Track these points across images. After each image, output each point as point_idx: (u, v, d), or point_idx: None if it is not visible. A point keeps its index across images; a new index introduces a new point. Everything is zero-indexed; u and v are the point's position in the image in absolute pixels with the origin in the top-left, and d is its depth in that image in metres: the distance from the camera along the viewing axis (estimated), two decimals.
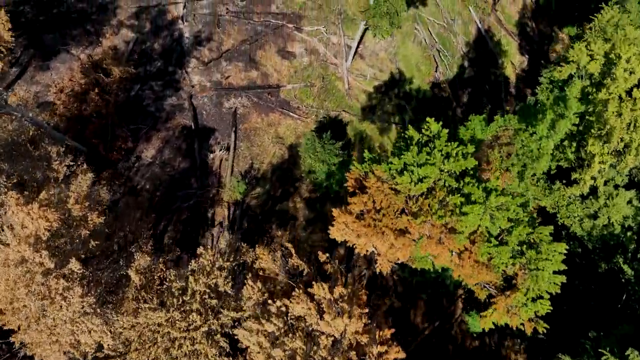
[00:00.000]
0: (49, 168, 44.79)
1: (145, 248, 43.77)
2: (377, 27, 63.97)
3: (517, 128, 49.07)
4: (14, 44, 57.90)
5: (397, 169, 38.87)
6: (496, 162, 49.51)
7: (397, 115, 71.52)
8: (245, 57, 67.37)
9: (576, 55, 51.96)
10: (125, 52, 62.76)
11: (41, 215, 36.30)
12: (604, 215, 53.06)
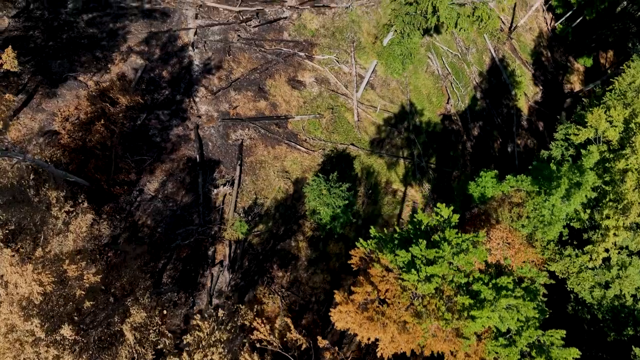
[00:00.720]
0: (48, 214, 42.84)
1: (142, 300, 41.85)
2: (389, 66, 61.40)
3: (529, 190, 46.48)
4: (22, 68, 56.04)
5: (404, 261, 36.40)
6: (505, 222, 47.05)
7: (406, 149, 69.05)
8: (254, 87, 65.02)
9: (595, 120, 49.13)
10: (133, 80, 60.56)
11: (35, 279, 34.46)
12: (616, 286, 50.38)
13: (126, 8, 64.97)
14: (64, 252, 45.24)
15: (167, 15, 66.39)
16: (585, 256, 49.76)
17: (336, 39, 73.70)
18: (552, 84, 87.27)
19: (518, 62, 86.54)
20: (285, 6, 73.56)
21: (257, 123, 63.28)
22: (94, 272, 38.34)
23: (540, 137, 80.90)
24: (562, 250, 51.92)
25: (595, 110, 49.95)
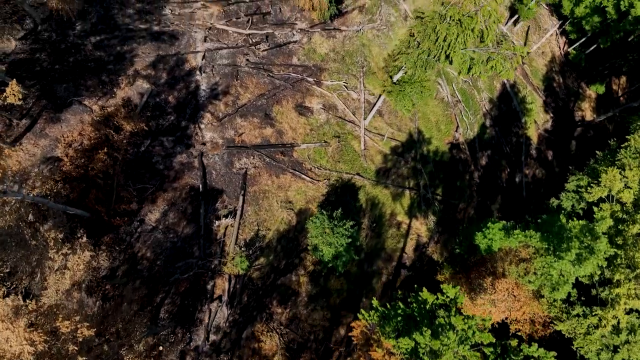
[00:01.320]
0: (45, 256, 41.14)
1: (137, 347, 40.03)
2: (398, 103, 59.02)
3: (538, 247, 44.05)
4: (27, 93, 54.29)
5: (407, 349, 34.09)
6: (512, 276, 44.73)
7: (412, 179, 66.74)
8: (261, 113, 62.91)
9: (609, 181, 46.52)
10: (138, 105, 58.65)
11: (27, 337, 32.73)
12: (624, 352, 47.86)
13: (134, 30, 63.00)
14: (60, 290, 43.66)
15: (175, 38, 64.33)
16: (593, 318, 47.30)
17: (346, 63, 71.35)
18: (563, 111, 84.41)
19: (529, 89, 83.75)
20: (295, 29, 71.26)
21: (262, 151, 61.21)
22: (88, 325, 36.50)
23: (549, 166, 78.24)
24: (570, 310, 49.43)
25: (610, 170, 47.33)
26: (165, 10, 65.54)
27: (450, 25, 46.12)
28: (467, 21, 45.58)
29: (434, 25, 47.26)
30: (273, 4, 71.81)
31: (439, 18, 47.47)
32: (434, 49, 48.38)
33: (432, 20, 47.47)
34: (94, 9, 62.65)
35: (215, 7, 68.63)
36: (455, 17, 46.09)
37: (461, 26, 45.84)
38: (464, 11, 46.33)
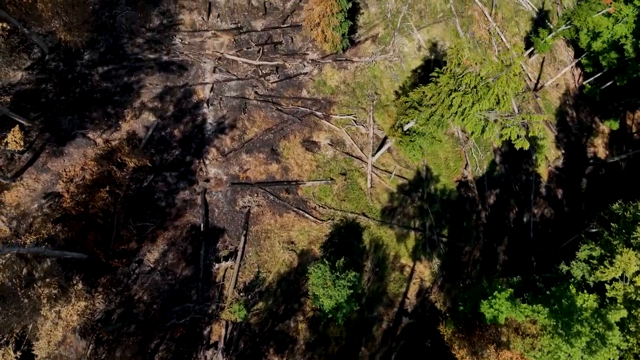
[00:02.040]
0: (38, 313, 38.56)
1: None
2: (408, 153, 55.56)
3: (545, 324, 40.60)
4: (30, 125, 51.65)
5: None
6: (517, 349, 41.38)
7: (418, 220, 63.32)
8: (267, 148, 59.77)
9: (624, 263, 42.87)
10: (143, 139, 55.77)
11: None
12: None
13: (143, 60, 60.05)
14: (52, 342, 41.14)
15: (184, 68, 61.29)
16: None
17: (356, 96, 67.93)
18: (574, 147, 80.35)
19: (542, 123, 79.65)
20: (306, 60, 67.91)
21: (266, 188, 58.10)
22: None
23: (558, 206, 74.37)
24: None
25: (625, 252, 43.58)
26: (175, 40, 62.51)
27: (465, 93, 42.50)
28: (484, 90, 41.93)
29: (449, 91, 43.63)
30: (285, 33, 68.53)
31: (454, 82, 43.77)
32: (447, 114, 44.82)
33: (447, 85, 43.84)
34: (104, 38, 59.79)
35: (226, 36, 65.47)
36: (471, 83, 42.43)
37: (477, 94, 42.20)
38: (481, 78, 42.62)
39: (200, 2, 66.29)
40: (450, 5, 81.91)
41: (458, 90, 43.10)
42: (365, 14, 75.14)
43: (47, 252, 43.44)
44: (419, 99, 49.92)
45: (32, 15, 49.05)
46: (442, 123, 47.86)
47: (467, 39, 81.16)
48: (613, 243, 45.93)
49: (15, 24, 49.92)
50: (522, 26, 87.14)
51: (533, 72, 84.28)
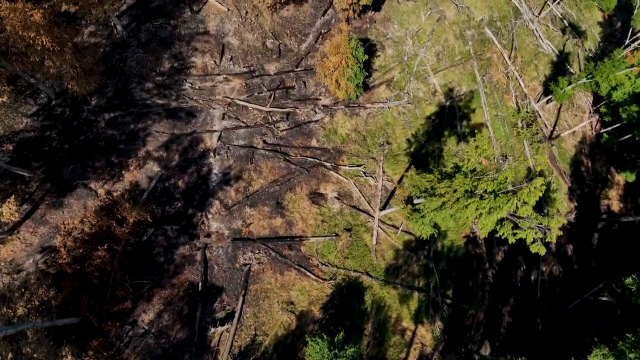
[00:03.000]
0: None
1: None
2: (419, 228, 50.48)
3: None
4: (31, 176, 47.67)
5: None
6: None
7: (422, 279, 58.39)
8: (272, 201, 55.21)
9: None
10: (146, 190, 51.47)
11: None
12: None
13: (151, 106, 55.69)
14: None
15: (192, 115, 56.84)
16: None
17: (367, 144, 62.92)
18: (588, 199, 74.39)
19: (555, 174, 73.86)
20: (318, 106, 62.98)
21: (269, 244, 53.58)
22: None
23: (568, 263, 68.75)
24: None
25: None
26: (185, 85, 58.00)
27: (482, 198, 37.32)
28: (503, 200, 36.68)
29: (464, 192, 38.42)
30: (298, 77, 63.59)
31: (470, 183, 38.55)
32: (461, 214, 39.67)
33: (462, 186, 38.62)
34: (112, 82, 55.52)
35: (237, 81, 60.79)
36: (489, 188, 37.22)
37: (495, 200, 36.98)
38: (500, 184, 37.34)
39: (214, 44, 61.63)
40: (469, 48, 76.19)
41: (474, 194, 37.89)
42: (381, 57, 69.83)
43: (38, 325, 39.55)
44: (431, 187, 44.74)
45: (39, 70, 45.00)
46: (456, 217, 42.72)
47: (484, 83, 75.45)
48: (628, 356, 40.69)
49: (22, 75, 45.78)
50: (541, 69, 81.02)
51: (549, 119, 78.27)
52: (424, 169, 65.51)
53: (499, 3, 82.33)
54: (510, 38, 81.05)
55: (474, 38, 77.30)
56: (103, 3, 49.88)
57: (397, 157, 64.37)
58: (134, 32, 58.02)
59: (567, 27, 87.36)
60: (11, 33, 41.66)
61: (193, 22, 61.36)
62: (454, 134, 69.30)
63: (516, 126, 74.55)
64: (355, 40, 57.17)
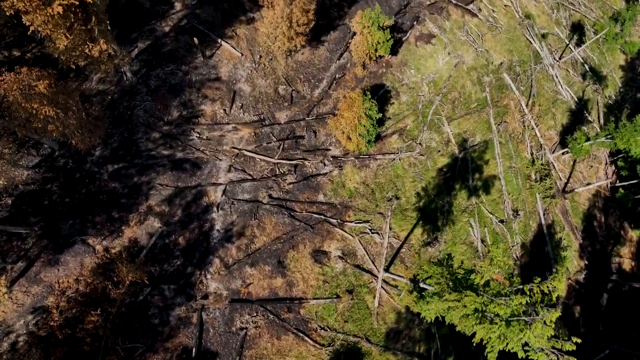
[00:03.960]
0: None
1: None
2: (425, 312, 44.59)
3: None
4: (28, 232, 43.01)
5: None
6: None
7: (423, 344, 52.68)
8: (274, 260, 49.91)
9: None
10: (145, 248, 46.58)
11: None
12: None
13: (156, 157, 50.54)
14: None
15: (198, 167, 51.58)
16: None
17: (375, 198, 57.02)
18: (599, 256, 67.44)
19: (567, 230, 67.01)
20: (327, 157, 57.18)
21: (268, 306, 48.33)
22: None
23: (575, 325, 62.21)
24: None
25: None
26: (192, 134, 52.71)
27: (492, 323, 31.36)
28: (515, 329, 30.67)
29: (474, 310, 32.46)
30: (309, 126, 57.80)
31: (481, 303, 32.56)
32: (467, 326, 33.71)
33: (472, 304, 32.65)
34: (118, 132, 50.48)
35: (246, 130, 55.24)
36: (501, 313, 31.22)
37: (507, 327, 30.99)
38: (515, 307, 31.30)
39: (225, 91, 56.06)
40: (486, 94, 69.32)
41: (485, 316, 31.92)
42: (395, 104, 63.53)
43: None
44: (440, 289, 38.74)
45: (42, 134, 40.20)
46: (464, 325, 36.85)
47: (499, 132, 68.61)
48: None
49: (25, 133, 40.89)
50: (559, 118, 73.73)
51: (564, 170, 71.17)
52: (432, 225, 59.46)
53: (519, 47, 75.08)
54: (529, 84, 73.87)
55: (491, 84, 70.39)
56: (113, 57, 44.58)
57: (405, 212, 58.34)
58: (143, 78, 52.78)
59: (587, 71, 79.77)
60: (13, 103, 36.85)
61: (205, 68, 55.84)
62: (465, 188, 62.89)
63: (530, 178, 67.65)
64: (370, 100, 51.27)
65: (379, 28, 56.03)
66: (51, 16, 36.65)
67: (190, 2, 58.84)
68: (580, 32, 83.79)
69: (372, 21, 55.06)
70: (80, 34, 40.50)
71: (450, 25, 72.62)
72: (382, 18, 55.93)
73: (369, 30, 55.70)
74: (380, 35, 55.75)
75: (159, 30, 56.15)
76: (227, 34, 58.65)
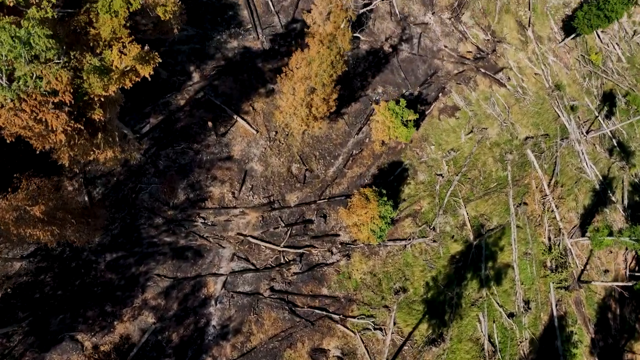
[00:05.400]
0: None
1: None
2: None
3: None
4: (15, 329, 35.54)
5: None
6: None
7: None
8: (269, 359, 41.17)
9: None
10: (136, 346, 38.67)
11: None
12: None
13: (157, 245, 42.31)
14: None
15: (200, 255, 43.11)
16: None
17: (381, 290, 47.67)
18: (610, 351, 56.21)
19: (579, 322, 56.05)
20: (336, 244, 47.86)
21: None
22: None
23: None
24: None
25: None
26: (197, 220, 44.13)
27: None
28: None
29: None
30: (319, 209, 48.45)
31: None
32: None
33: None
34: (120, 216, 42.25)
35: (254, 214, 46.24)
36: None
37: None
38: None
39: (236, 171, 47.03)
40: (507, 173, 58.17)
41: None
42: (411, 185, 53.24)
43: None
44: None
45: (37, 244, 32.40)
46: None
47: (517, 215, 57.50)
48: None
49: None
50: (581, 199, 61.85)
51: (581, 256, 59.70)
52: (438, 320, 49.59)
53: (546, 120, 63.05)
54: (553, 161, 62.04)
55: (514, 161, 59.04)
56: (121, 154, 36.06)
57: (411, 305, 48.65)
58: (152, 158, 44.26)
59: (615, 146, 67.07)
60: (4, 230, 28.93)
61: (217, 146, 46.84)
62: (476, 277, 52.52)
63: (545, 266, 56.51)
64: (386, 202, 41.46)
65: (402, 123, 45.63)
66: (54, 142, 28.67)
67: (209, 72, 49.50)
68: (611, 102, 70.76)
69: (395, 115, 44.74)
70: (85, 146, 32.21)
71: (476, 96, 61.16)
72: (407, 113, 45.55)
73: (392, 123, 45.42)
74: (402, 129, 45.45)
75: (174, 103, 47.21)
76: (243, 108, 49.28)
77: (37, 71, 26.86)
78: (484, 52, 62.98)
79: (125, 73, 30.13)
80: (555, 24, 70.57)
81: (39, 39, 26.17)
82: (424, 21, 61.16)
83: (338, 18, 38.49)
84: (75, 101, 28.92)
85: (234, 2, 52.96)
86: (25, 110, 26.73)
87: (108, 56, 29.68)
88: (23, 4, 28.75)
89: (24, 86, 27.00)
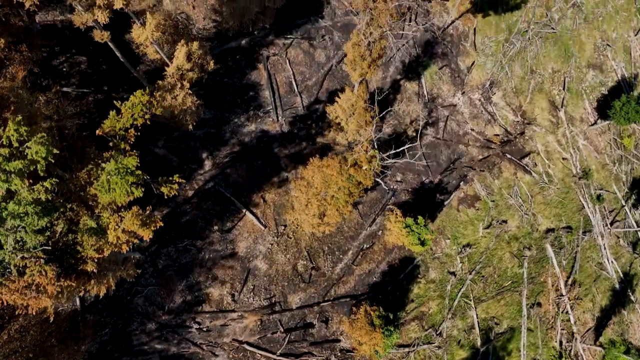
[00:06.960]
0: None
1: None
2: None
3: None
4: None
5: None
6: None
7: None
8: None
9: None
10: None
11: None
12: None
13: (148, 353, 34.63)
14: None
15: None
16: None
17: None
18: None
19: None
20: (336, 351, 38.79)
21: None
22: None
23: None
24: None
25: None
26: (192, 325, 35.75)
27: None
28: None
29: None
30: (322, 312, 39.23)
31: None
32: None
33: None
34: (111, 322, 34.18)
35: (252, 318, 37.47)
36: None
37: None
38: None
39: (238, 270, 38.13)
40: (523, 270, 47.15)
41: None
42: (421, 284, 43.22)
43: None
44: None
45: None
46: None
47: (529, 317, 46.73)
48: None
49: None
50: (598, 300, 50.27)
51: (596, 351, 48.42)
52: None
53: (569, 211, 51.15)
54: (572, 257, 50.39)
55: (531, 257, 47.75)
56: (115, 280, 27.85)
57: None
58: (152, 257, 35.89)
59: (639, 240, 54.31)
60: None
61: (222, 243, 37.96)
62: None
63: None
64: (392, 333, 31.92)
65: (418, 240, 35.27)
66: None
67: (222, 160, 40.13)
68: (639, 190, 57.57)
69: (411, 232, 34.51)
70: (77, 286, 24.30)
71: (499, 185, 49.68)
72: (424, 231, 35.07)
73: (407, 240, 35.20)
74: (418, 247, 35.23)
75: (182, 194, 38.23)
76: (254, 200, 39.92)
77: (21, 262, 19.32)
78: (512, 135, 51.10)
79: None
80: (590, 104, 57.26)
81: (27, 235, 18.61)
82: (452, 102, 49.53)
83: (364, 162, 28.51)
84: (64, 260, 21.37)
85: (256, 82, 42.97)
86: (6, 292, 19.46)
87: (106, 218, 21.80)
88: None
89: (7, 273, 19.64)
